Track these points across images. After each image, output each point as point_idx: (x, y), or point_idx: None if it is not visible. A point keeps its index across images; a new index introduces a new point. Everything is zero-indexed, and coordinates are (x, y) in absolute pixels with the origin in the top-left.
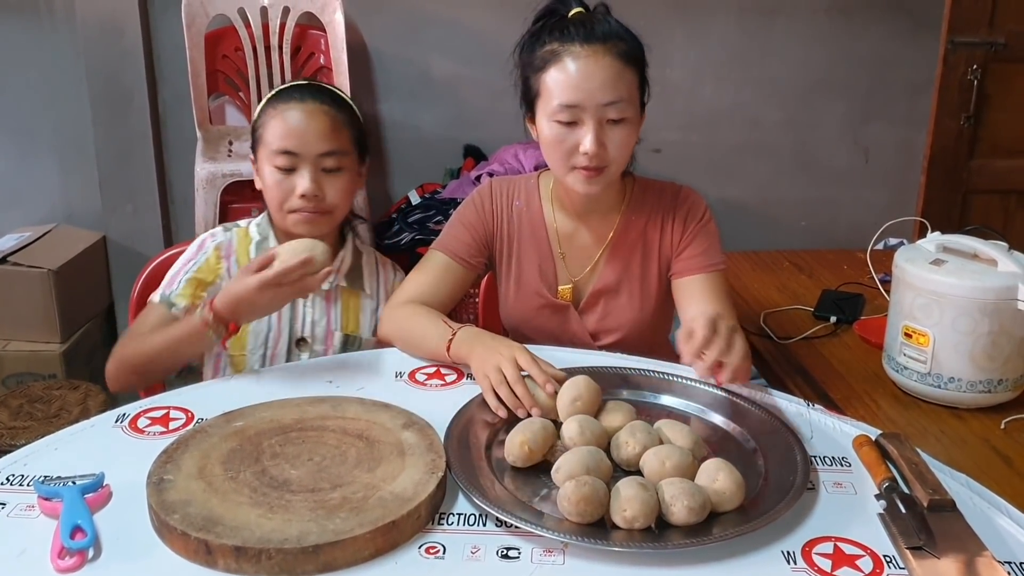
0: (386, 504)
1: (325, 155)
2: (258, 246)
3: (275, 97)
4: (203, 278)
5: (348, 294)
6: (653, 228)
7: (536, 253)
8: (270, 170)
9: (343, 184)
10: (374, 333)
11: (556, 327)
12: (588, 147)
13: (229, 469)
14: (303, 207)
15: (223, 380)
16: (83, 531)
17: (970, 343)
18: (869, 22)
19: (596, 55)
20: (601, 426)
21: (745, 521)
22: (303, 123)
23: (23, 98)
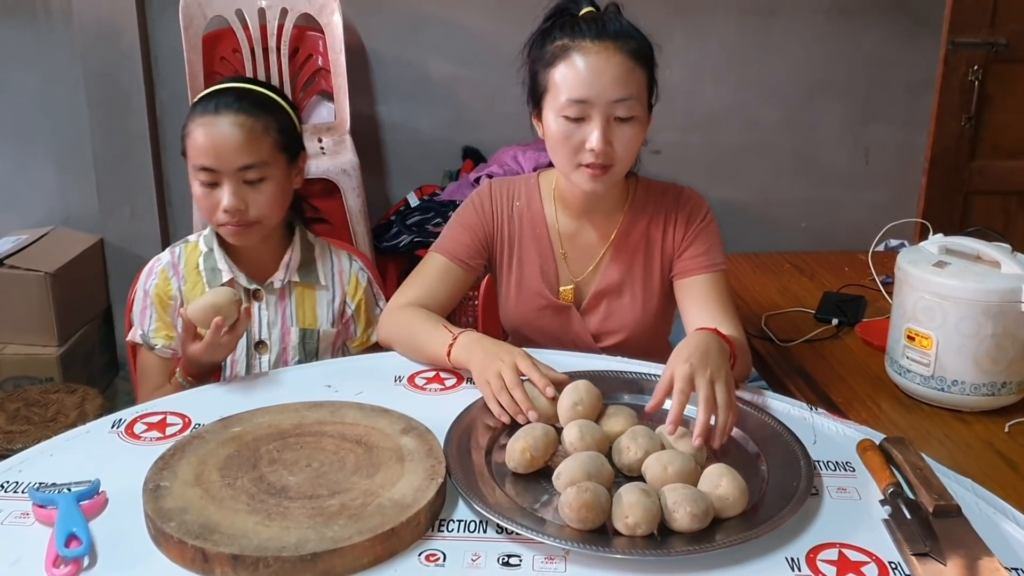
0: (385, 511)
1: (244, 168)
2: (206, 257)
3: (197, 105)
4: (161, 302)
5: (302, 288)
6: (655, 228)
7: (537, 254)
8: (195, 184)
9: (267, 194)
10: (333, 324)
11: (558, 328)
12: (595, 144)
13: (226, 475)
14: (228, 222)
15: (221, 385)
16: (78, 539)
17: (974, 346)
18: (869, 22)
19: (607, 51)
20: (602, 431)
21: (748, 527)
22: (218, 138)
23: (20, 100)
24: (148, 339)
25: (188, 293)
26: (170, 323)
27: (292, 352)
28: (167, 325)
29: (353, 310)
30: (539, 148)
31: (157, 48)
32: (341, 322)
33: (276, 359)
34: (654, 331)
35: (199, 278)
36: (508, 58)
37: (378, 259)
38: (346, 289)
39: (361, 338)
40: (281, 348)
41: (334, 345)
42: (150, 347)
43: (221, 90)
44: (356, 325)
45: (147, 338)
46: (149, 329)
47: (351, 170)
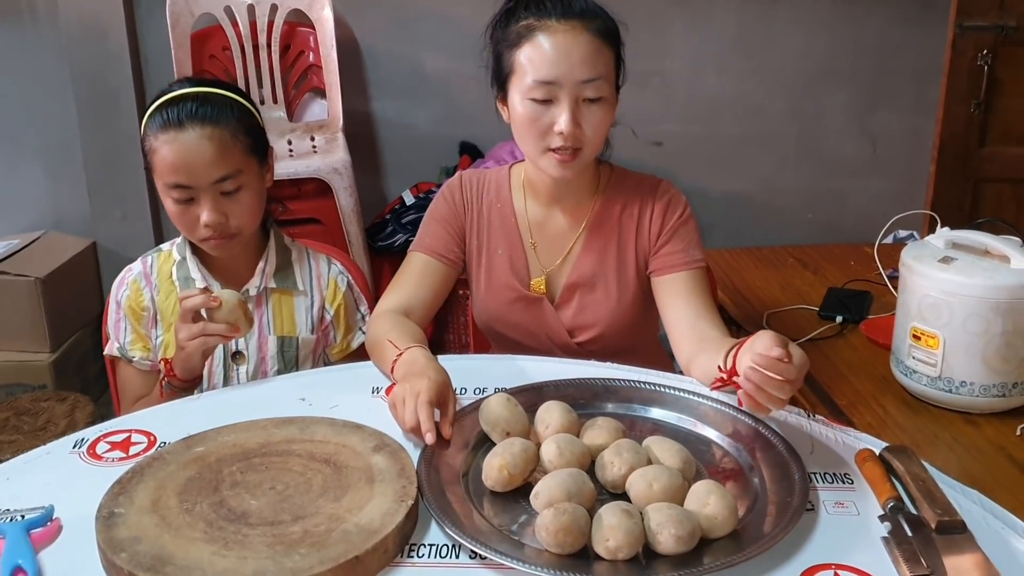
0: (350, 538)
1: (219, 181)
2: (179, 266)
3: (155, 118)
4: (134, 314)
5: (279, 294)
6: (629, 218)
7: (506, 245)
8: (168, 201)
9: (245, 203)
10: (312, 331)
11: (531, 322)
12: (564, 127)
13: (185, 500)
14: (210, 235)
15: (190, 400)
16: (24, 572)
17: (982, 345)
18: (874, 7)
19: (574, 31)
20: (584, 445)
21: (738, 549)
22: (189, 154)
23: (7, 103)
24: (125, 352)
25: (162, 303)
26: (145, 335)
27: (271, 361)
28: (142, 337)
29: (332, 316)
30: None
31: (145, 47)
32: (320, 328)
33: (255, 369)
34: (633, 326)
35: (172, 288)
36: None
37: (373, 259)
38: (324, 294)
39: (340, 345)
40: (259, 358)
41: (314, 352)
42: (128, 360)
43: (179, 97)
44: (335, 331)
45: (124, 351)
46: (125, 342)
47: (343, 169)
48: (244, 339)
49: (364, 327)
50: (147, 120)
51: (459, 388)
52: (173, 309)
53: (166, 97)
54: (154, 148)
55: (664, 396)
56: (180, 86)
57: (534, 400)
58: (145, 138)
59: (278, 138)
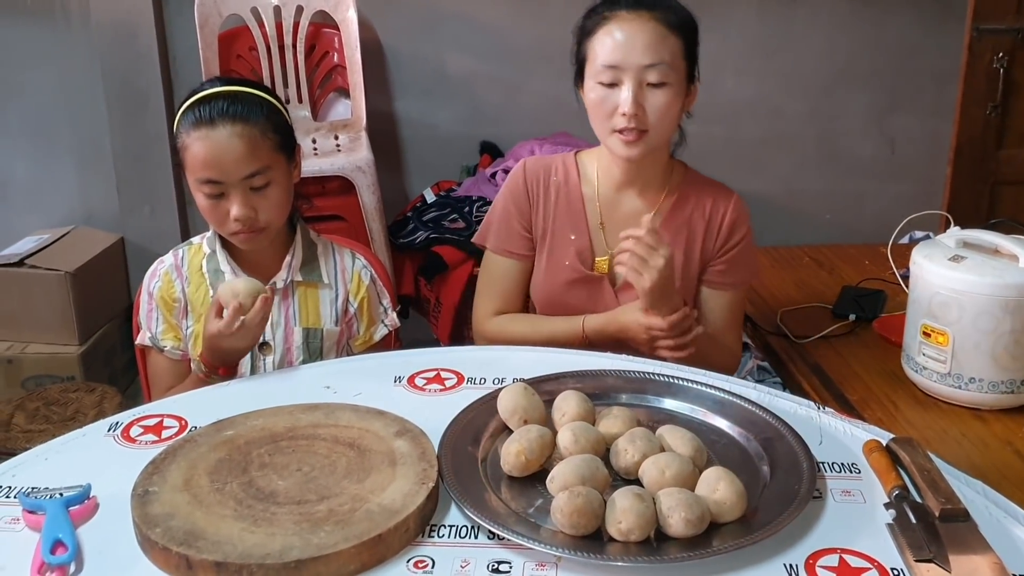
0: (373, 517)
1: (249, 176)
2: (209, 259)
3: (184, 117)
4: (166, 305)
5: (305, 287)
6: (700, 220)
7: (571, 227)
8: (199, 196)
9: (274, 198)
10: (337, 323)
11: (587, 301)
12: (626, 107)
13: (215, 480)
14: (239, 229)
15: (219, 387)
16: (64, 545)
17: (991, 342)
18: (892, 10)
19: (640, 19)
20: (598, 433)
21: (746, 532)
22: (221, 151)
23: (40, 101)
24: (157, 341)
25: (192, 295)
26: (176, 325)
27: (296, 352)
28: (174, 327)
29: (356, 308)
30: (556, 142)
31: (174, 47)
32: (344, 320)
33: (280, 359)
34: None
35: (203, 280)
36: (525, 52)
37: (395, 256)
38: (349, 287)
39: (363, 336)
40: (285, 348)
41: (338, 344)
42: (160, 349)
43: (210, 96)
44: (359, 323)
45: (156, 340)
46: (157, 331)
47: (366, 167)
48: (271, 330)
49: (386, 320)
50: (179, 118)
51: (479, 378)
52: (203, 300)
53: (198, 96)
54: (186, 145)
55: (677, 387)
56: (211, 85)
57: (551, 390)
58: (177, 135)
59: (303, 137)
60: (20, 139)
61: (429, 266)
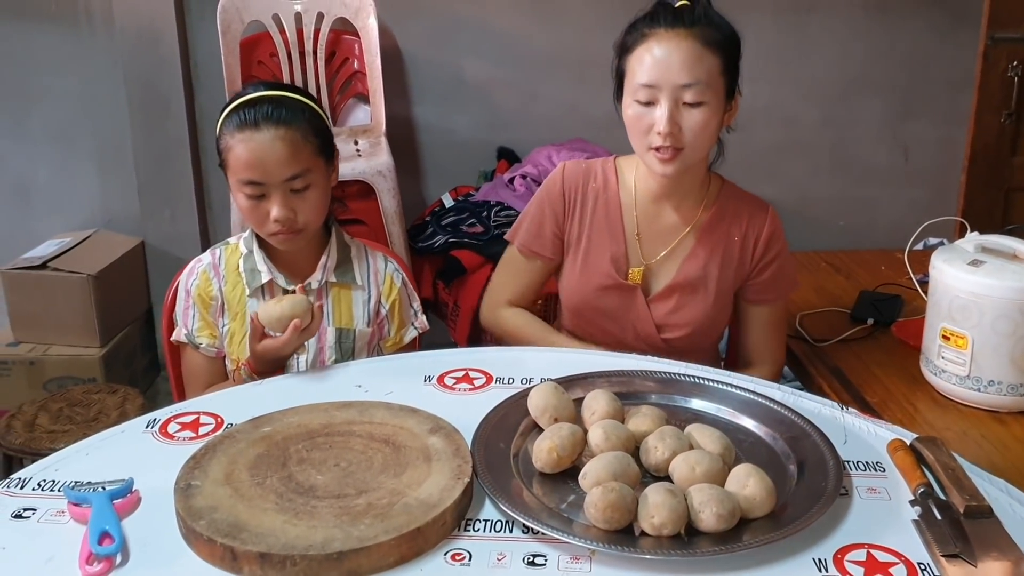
0: (411, 510)
1: (290, 179)
2: (245, 259)
3: (228, 120)
4: (203, 302)
5: (338, 288)
6: (737, 234)
7: (608, 234)
8: (240, 196)
9: (313, 200)
10: (369, 324)
11: (619, 310)
12: (661, 127)
13: (255, 475)
14: (279, 230)
15: (253, 385)
16: (111, 537)
17: (1010, 345)
18: (907, 18)
19: (678, 37)
20: (628, 431)
21: (776, 528)
22: (264, 153)
23: (63, 105)
24: (193, 338)
25: (229, 294)
26: (212, 323)
27: (329, 352)
28: (210, 324)
29: (387, 310)
30: (573, 148)
31: (196, 53)
32: (376, 322)
33: (313, 359)
34: (715, 332)
35: (239, 279)
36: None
37: (413, 259)
38: (381, 289)
39: (394, 338)
40: (318, 348)
41: (369, 344)
42: (195, 346)
43: (255, 100)
44: (390, 325)
45: (192, 337)
46: (193, 328)
47: (386, 171)
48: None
49: (416, 323)
50: (224, 120)
51: (507, 378)
52: (239, 299)
53: (243, 99)
54: (229, 146)
55: (703, 387)
56: (255, 89)
57: (579, 389)
58: (220, 136)
59: None
60: (43, 143)
61: (448, 270)
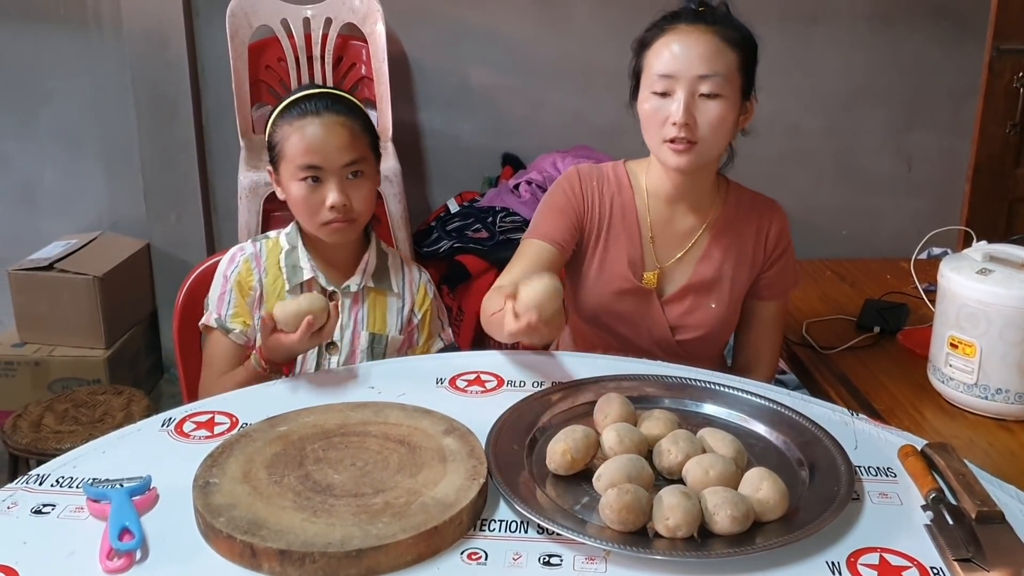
0: (428, 510)
1: (348, 164)
2: (287, 255)
3: (289, 110)
4: (241, 290)
5: (375, 294)
6: (749, 232)
7: (625, 237)
8: (296, 184)
9: (367, 190)
10: (401, 331)
11: (635, 313)
12: (677, 117)
13: (273, 473)
14: (333, 218)
15: (267, 385)
16: (131, 533)
17: (1018, 354)
18: (912, 29)
19: (697, 31)
20: (641, 434)
21: (789, 531)
22: (324, 137)
23: (71, 107)
24: (224, 323)
25: (269, 287)
26: (247, 312)
27: (360, 355)
28: (245, 312)
29: (419, 320)
30: (578, 155)
31: (204, 57)
32: (407, 330)
33: (345, 360)
34: (728, 332)
35: (279, 274)
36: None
37: (419, 264)
38: (415, 298)
39: (422, 348)
40: (350, 350)
41: (399, 352)
42: (226, 331)
43: (314, 94)
44: (419, 334)
45: (223, 323)
46: (226, 314)
47: (393, 176)
48: (339, 331)
49: (443, 334)
50: (279, 115)
51: (518, 381)
52: (279, 294)
53: (301, 94)
54: (287, 135)
55: (716, 392)
56: (310, 87)
57: (592, 393)
58: (274, 131)
59: None
60: (50, 145)
61: (452, 275)
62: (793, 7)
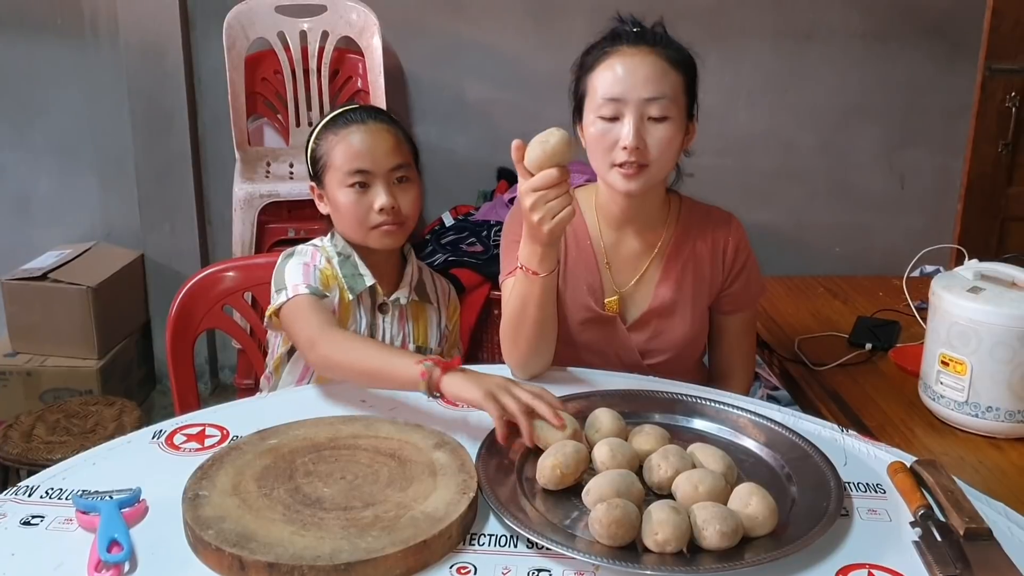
0: (418, 523)
1: (395, 169)
2: (341, 264)
3: (332, 124)
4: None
5: (418, 308)
6: (704, 250)
7: (583, 266)
8: (344, 192)
9: (413, 194)
10: (440, 344)
11: (602, 341)
12: (627, 141)
13: (263, 486)
14: (383, 221)
15: (257, 398)
16: (119, 545)
17: (1008, 372)
18: (905, 47)
19: (642, 54)
20: (632, 449)
21: (778, 546)
22: (370, 142)
23: (67, 117)
24: (318, 290)
25: None
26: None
27: None
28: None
29: (448, 332)
30: (572, 170)
31: (200, 68)
32: (443, 343)
33: None
34: (697, 350)
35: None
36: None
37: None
38: (447, 311)
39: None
40: None
41: None
42: (320, 296)
43: (357, 108)
44: (445, 345)
45: (316, 289)
46: (317, 284)
47: None
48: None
49: (459, 347)
50: (323, 128)
51: None
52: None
53: (343, 109)
54: (333, 144)
55: (705, 408)
56: (351, 103)
57: (583, 408)
58: (319, 143)
59: None
60: (45, 155)
61: None
62: (787, 24)
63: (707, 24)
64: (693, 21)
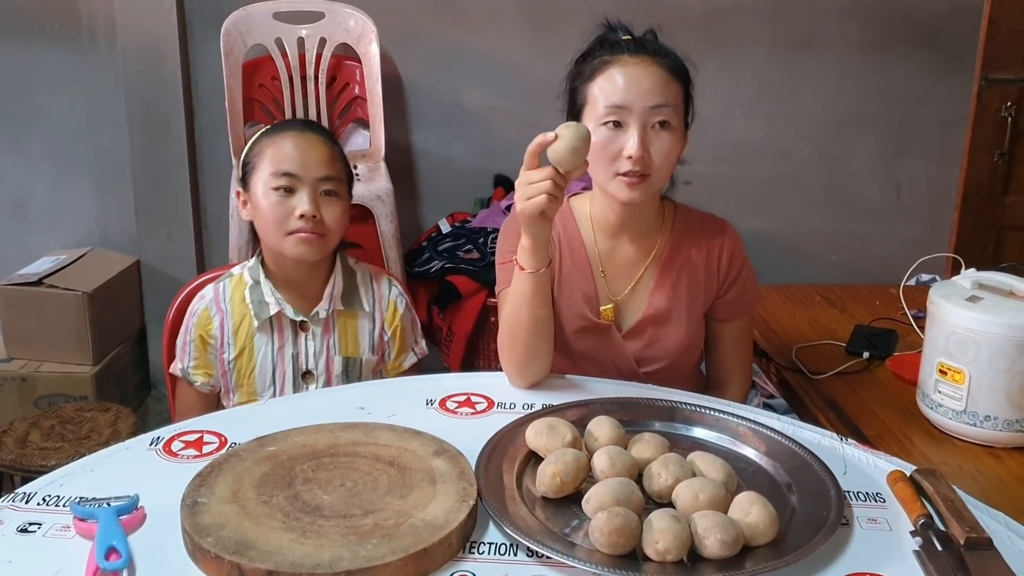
0: (417, 531)
1: (324, 179)
2: (252, 290)
3: (270, 131)
4: (202, 341)
5: (345, 316)
6: (699, 257)
7: (578, 274)
8: (267, 193)
9: (339, 209)
10: (373, 351)
11: (598, 349)
12: (633, 150)
13: (262, 493)
14: (302, 227)
15: (257, 405)
16: (118, 552)
17: (1007, 381)
18: (902, 57)
19: (644, 63)
20: (632, 458)
21: (778, 556)
22: (302, 149)
23: (64, 123)
24: (188, 374)
25: (236, 327)
26: (209, 362)
27: (336, 381)
28: (206, 364)
29: (389, 336)
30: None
31: (198, 74)
32: (379, 348)
33: (321, 388)
34: (693, 357)
35: (247, 310)
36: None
37: (409, 284)
38: (384, 316)
39: (394, 363)
40: (326, 377)
41: (375, 371)
42: (190, 383)
43: (296, 120)
44: (391, 350)
45: (187, 373)
46: (188, 365)
47: (385, 196)
48: (313, 360)
49: (416, 348)
50: (260, 136)
51: (508, 403)
52: (247, 331)
53: (286, 120)
54: (261, 151)
55: (705, 416)
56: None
57: (582, 416)
58: (253, 148)
59: None
60: (41, 160)
61: (443, 295)
62: (785, 33)
63: (705, 33)
64: (691, 29)
